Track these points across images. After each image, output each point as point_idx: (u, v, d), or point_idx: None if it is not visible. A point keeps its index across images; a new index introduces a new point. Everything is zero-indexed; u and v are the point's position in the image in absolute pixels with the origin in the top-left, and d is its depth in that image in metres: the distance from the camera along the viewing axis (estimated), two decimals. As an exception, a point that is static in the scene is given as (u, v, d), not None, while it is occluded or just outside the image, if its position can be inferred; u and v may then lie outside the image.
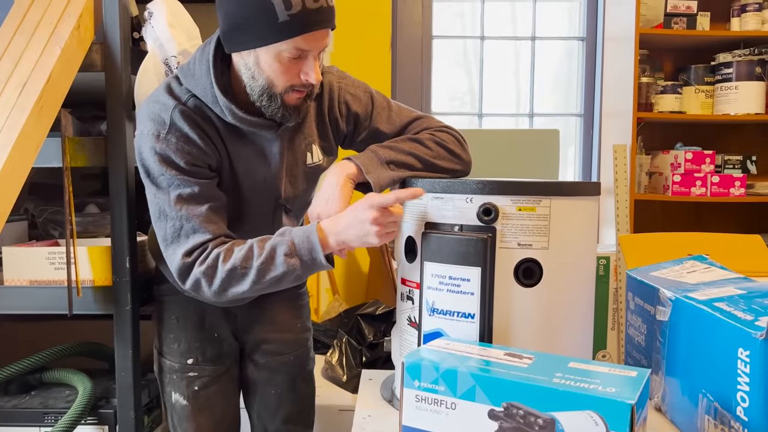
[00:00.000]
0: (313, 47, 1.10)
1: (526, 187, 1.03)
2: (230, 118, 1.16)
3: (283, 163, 1.25)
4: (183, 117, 1.15)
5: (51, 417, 1.51)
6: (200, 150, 1.16)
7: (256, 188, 1.25)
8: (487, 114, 3.03)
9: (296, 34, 1.07)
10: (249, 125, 1.18)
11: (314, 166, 1.30)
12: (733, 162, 2.71)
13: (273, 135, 1.22)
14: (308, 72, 1.11)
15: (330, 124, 1.31)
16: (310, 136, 1.28)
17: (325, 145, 1.31)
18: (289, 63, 1.10)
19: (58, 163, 1.34)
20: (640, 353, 1.19)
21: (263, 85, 1.13)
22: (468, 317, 1.04)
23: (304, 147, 1.28)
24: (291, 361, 1.47)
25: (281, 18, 1.05)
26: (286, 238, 1.12)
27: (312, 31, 1.08)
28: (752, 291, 1.00)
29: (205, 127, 1.17)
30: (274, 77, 1.12)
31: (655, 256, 1.37)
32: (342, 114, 1.30)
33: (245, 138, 1.21)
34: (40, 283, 1.40)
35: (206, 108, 1.18)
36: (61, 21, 1.31)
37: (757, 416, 0.81)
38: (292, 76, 1.12)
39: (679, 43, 2.75)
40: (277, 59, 1.10)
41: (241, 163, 1.22)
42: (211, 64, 1.14)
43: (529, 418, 0.79)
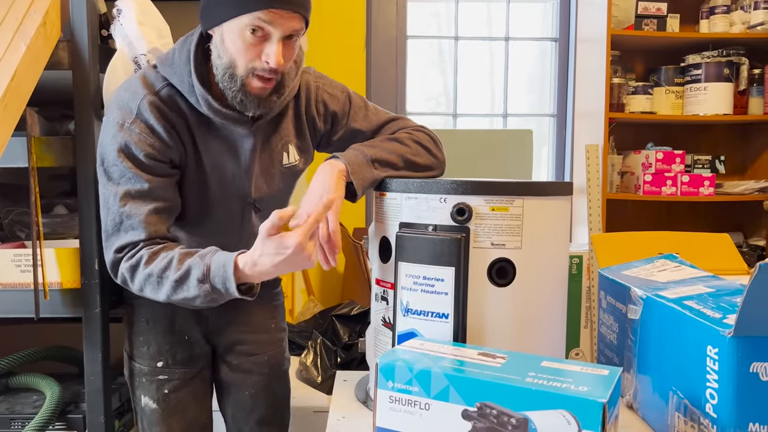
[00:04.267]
0: (277, 26, 1.09)
1: (499, 187, 1.03)
2: (204, 108, 1.15)
3: (254, 161, 1.24)
4: (151, 107, 1.14)
5: (18, 423, 1.48)
6: (163, 143, 1.15)
7: (225, 184, 1.24)
8: (461, 114, 3.04)
9: (258, 8, 1.06)
10: (222, 117, 1.16)
11: (290, 166, 1.30)
12: (703, 162, 2.76)
13: (246, 131, 1.20)
14: (269, 54, 1.09)
15: (307, 122, 1.30)
16: (286, 136, 1.28)
17: (301, 144, 1.30)
18: (252, 42, 1.09)
19: (23, 164, 1.31)
20: (612, 351, 1.20)
21: (226, 63, 1.12)
22: (442, 317, 1.04)
23: (281, 147, 1.27)
24: (265, 362, 1.45)
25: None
26: (205, 261, 1.10)
27: (275, 8, 1.07)
28: (721, 289, 1.01)
29: (173, 118, 1.16)
30: (236, 56, 1.10)
31: (626, 254, 1.38)
32: (319, 113, 1.30)
33: (217, 131, 1.20)
34: (5, 286, 1.37)
35: (179, 98, 1.16)
36: (27, 17, 1.28)
37: (726, 413, 0.82)
38: (253, 57, 1.10)
39: (650, 44, 2.79)
40: (240, 36, 1.09)
41: (210, 156, 1.21)
42: (192, 53, 1.15)
43: (503, 418, 0.79)
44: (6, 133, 1.19)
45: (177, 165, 1.19)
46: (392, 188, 1.12)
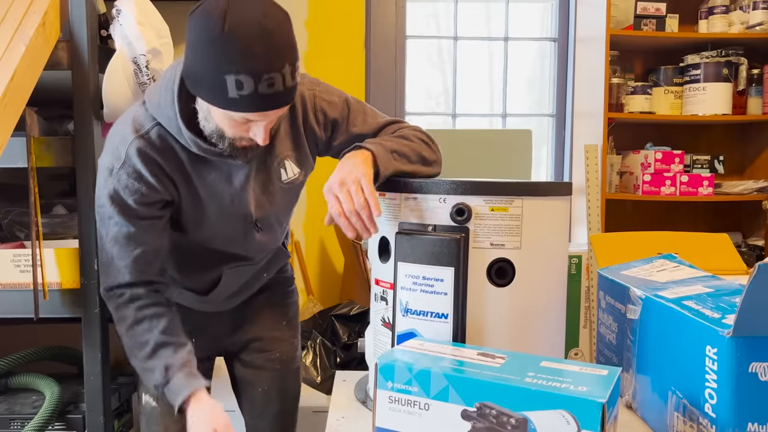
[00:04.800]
0: (264, 120, 1.10)
1: (498, 187, 1.03)
2: (195, 149, 1.16)
3: (249, 184, 1.24)
4: (138, 153, 1.15)
5: (17, 423, 1.47)
6: (151, 188, 1.17)
7: (224, 210, 1.24)
8: (460, 114, 3.04)
9: (243, 111, 1.06)
10: (214, 155, 1.17)
11: (290, 181, 1.30)
12: (702, 162, 2.76)
13: (240, 162, 1.21)
14: (257, 134, 1.11)
15: (306, 133, 1.29)
16: (282, 152, 1.27)
17: (299, 156, 1.30)
18: (239, 124, 1.10)
19: (23, 164, 1.31)
20: (612, 351, 1.20)
21: (213, 128, 1.12)
22: (441, 317, 1.04)
23: (277, 164, 1.27)
24: (276, 358, 1.46)
25: (231, 94, 1.03)
26: (167, 378, 1.17)
27: (260, 111, 1.07)
28: (720, 289, 1.01)
29: (163, 160, 1.17)
30: (224, 128, 1.11)
31: (625, 254, 1.38)
32: (319, 122, 1.29)
33: (211, 164, 1.20)
34: (5, 286, 1.37)
35: (170, 137, 1.17)
36: (26, 18, 1.28)
37: (725, 413, 0.83)
38: (240, 132, 1.11)
39: (649, 44, 2.79)
40: (227, 120, 1.09)
41: (206, 187, 1.22)
42: (175, 95, 1.12)
43: (502, 418, 0.79)
44: (5, 133, 1.19)
45: (169, 202, 1.22)
46: (392, 188, 1.12)
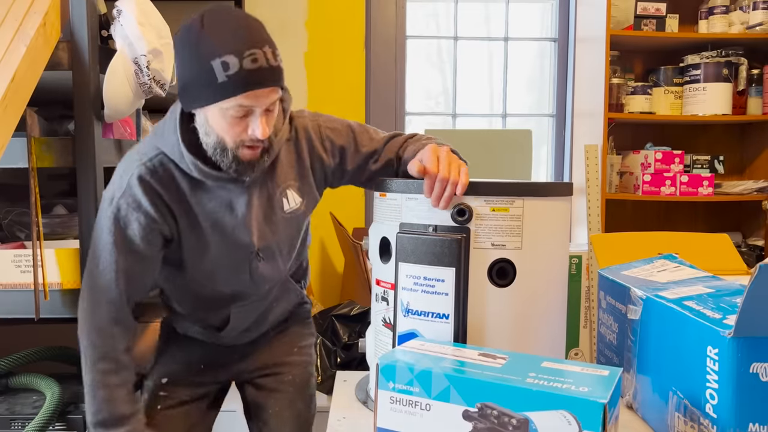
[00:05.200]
0: (257, 104, 1.12)
1: (499, 187, 1.04)
2: (196, 173, 1.18)
3: (251, 214, 1.25)
4: (140, 180, 1.18)
5: (18, 423, 1.47)
6: (148, 218, 1.19)
7: (226, 239, 1.26)
8: (460, 114, 3.04)
9: (235, 93, 1.09)
10: (214, 180, 1.19)
11: (292, 212, 1.30)
12: (702, 162, 2.76)
13: (240, 188, 1.23)
14: (254, 128, 1.13)
15: (313, 163, 1.31)
16: (284, 182, 1.28)
17: (302, 186, 1.31)
18: (235, 120, 1.12)
19: (23, 164, 1.31)
20: (612, 351, 1.20)
21: (215, 140, 1.15)
22: (442, 318, 1.04)
23: (279, 194, 1.28)
24: (289, 381, 1.44)
25: (220, 79, 1.07)
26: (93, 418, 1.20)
27: (250, 91, 1.10)
28: (720, 289, 1.01)
29: (164, 189, 1.20)
30: (223, 134, 1.14)
31: (626, 255, 1.39)
32: (327, 149, 1.31)
33: (212, 192, 1.22)
34: (5, 286, 1.37)
35: (172, 165, 1.20)
36: (27, 18, 1.28)
37: (726, 413, 0.83)
38: (239, 132, 1.13)
39: (649, 44, 2.79)
40: (223, 117, 1.12)
41: (207, 216, 1.23)
42: (177, 121, 1.17)
43: (503, 419, 0.79)
44: (6, 134, 1.19)
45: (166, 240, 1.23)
46: (392, 189, 1.12)
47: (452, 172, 1.04)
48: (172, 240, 1.24)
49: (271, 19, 2.77)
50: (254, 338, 1.44)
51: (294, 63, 2.79)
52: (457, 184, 1.03)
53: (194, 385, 1.41)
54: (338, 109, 2.81)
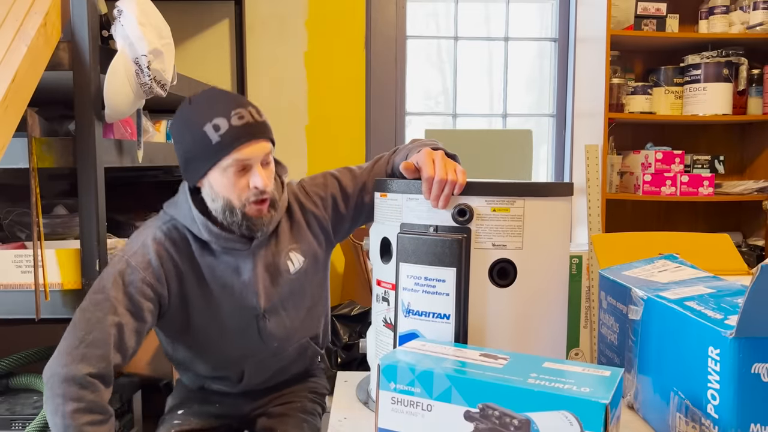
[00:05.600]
0: (252, 157, 1.22)
1: (500, 188, 1.04)
2: (205, 233, 1.27)
3: (257, 277, 1.32)
4: (155, 241, 1.28)
5: (18, 423, 1.47)
6: (154, 275, 1.26)
7: (234, 302, 1.33)
8: (461, 114, 3.04)
9: (230, 149, 1.20)
10: (223, 241, 1.28)
11: (297, 272, 1.38)
12: (702, 162, 2.76)
13: (245, 251, 1.31)
14: (255, 180, 1.23)
15: (308, 222, 1.40)
16: (286, 246, 1.36)
17: (303, 247, 1.39)
18: (236, 177, 1.23)
19: (24, 164, 1.31)
20: (613, 352, 1.20)
21: (222, 203, 1.24)
22: (443, 318, 1.04)
23: (284, 258, 1.36)
24: (298, 407, 1.48)
25: (214, 140, 1.20)
26: None
27: (242, 145, 1.21)
28: (721, 290, 1.01)
29: (175, 252, 1.29)
30: (228, 194, 1.23)
31: (626, 255, 1.38)
32: (317, 204, 1.41)
33: (219, 258, 1.31)
34: (6, 286, 1.37)
35: (186, 231, 1.30)
36: (27, 18, 1.28)
37: (728, 413, 0.83)
38: (242, 188, 1.23)
39: (649, 44, 2.79)
40: (224, 176, 1.22)
41: (216, 279, 1.31)
42: (188, 192, 1.30)
43: (505, 419, 0.79)
44: (7, 134, 1.19)
45: (162, 302, 1.29)
46: (393, 189, 1.12)
47: (449, 173, 1.06)
48: (168, 305, 1.29)
49: (271, 18, 2.77)
50: (271, 385, 1.49)
51: (294, 63, 2.79)
52: (455, 184, 1.04)
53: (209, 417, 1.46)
54: (338, 110, 2.82)
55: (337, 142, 2.81)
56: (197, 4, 2.73)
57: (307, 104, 2.81)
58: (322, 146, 2.82)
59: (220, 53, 2.75)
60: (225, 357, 1.40)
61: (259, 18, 2.76)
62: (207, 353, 1.39)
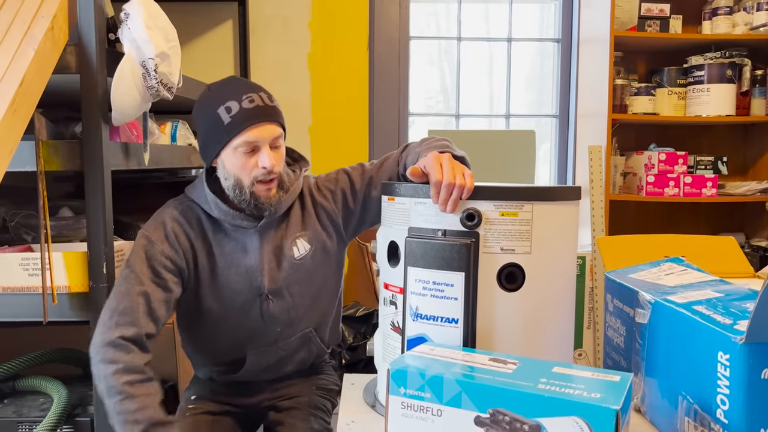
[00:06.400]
0: (260, 139, 1.30)
1: (508, 192, 1.04)
2: (215, 210, 1.36)
3: (262, 257, 1.39)
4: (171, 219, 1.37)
5: (25, 426, 1.48)
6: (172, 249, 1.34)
7: (240, 279, 1.39)
8: (464, 115, 3.04)
9: (240, 130, 1.28)
10: (231, 218, 1.36)
11: (302, 258, 1.43)
12: (705, 163, 2.76)
13: (252, 230, 1.38)
14: (263, 159, 1.30)
15: (318, 214, 1.46)
16: (294, 232, 1.42)
17: (310, 234, 1.44)
18: (246, 157, 1.30)
19: (32, 168, 1.31)
20: (619, 354, 1.20)
21: (233, 182, 1.32)
22: (452, 322, 1.04)
23: (290, 243, 1.42)
24: (305, 402, 1.50)
25: (225, 122, 1.29)
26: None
27: (252, 126, 1.28)
28: (729, 294, 1.02)
29: (189, 227, 1.37)
30: (238, 172, 1.31)
31: (632, 257, 1.39)
32: (327, 198, 1.46)
33: (230, 236, 1.39)
34: (13, 289, 1.37)
35: (199, 209, 1.39)
36: (35, 22, 1.28)
37: (737, 419, 0.83)
38: (251, 168, 1.31)
39: (653, 45, 2.79)
40: (234, 155, 1.30)
41: (224, 256, 1.38)
42: (203, 175, 1.39)
43: (515, 424, 0.80)
44: (16, 137, 1.19)
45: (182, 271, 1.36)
46: (401, 193, 1.12)
47: (457, 177, 1.06)
48: (188, 277, 1.37)
49: (275, 19, 2.77)
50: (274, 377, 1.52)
51: (297, 64, 2.79)
52: (464, 188, 1.04)
53: (220, 403, 1.50)
54: (341, 110, 2.82)
55: (341, 143, 2.82)
56: (200, 5, 2.73)
57: (310, 105, 2.81)
58: (325, 147, 2.82)
59: (223, 54, 2.76)
60: (229, 340, 1.44)
61: (263, 19, 2.77)
62: (214, 336, 1.43)
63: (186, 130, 1.98)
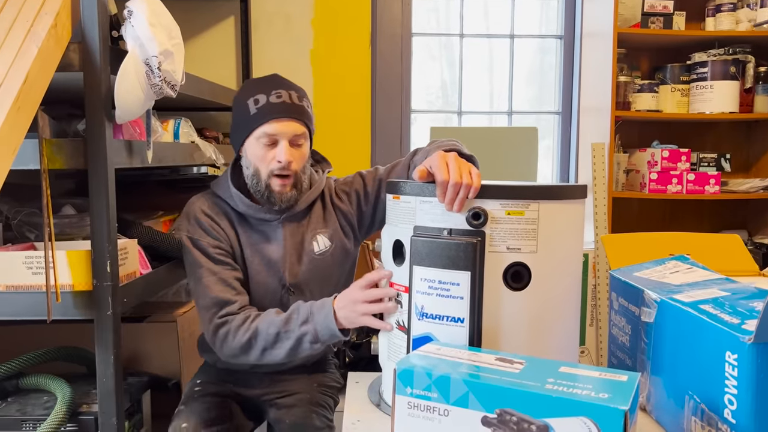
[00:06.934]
0: (280, 133, 1.37)
1: (514, 191, 1.03)
2: (239, 204, 1.44)
3: (286, 250, 1.46)
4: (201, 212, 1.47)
5: (29, 424, 1.48)
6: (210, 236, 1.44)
7: (264, 269, 1.46)
8: (466, 112, 3.03)
9: (262, 121, 1.37)
10: (255, 211, 1.44)
11: (322, 253, 1.49)
12: (708, 160, 2.75)
13: (275, 223, 1.45)
14: (279, 153, 1.37)
15: (336, 214, 1.52)
16: (314, 229, 1.49)
17: (330, 232, 1.51)
18: (265, 149, 1.38)
19: (35, 166, 1.30)
20: (624, 353, 1.20)
21: (252, 171, 1.40)
22: (457, 321, 1.04)
23: (311, 237, 1.48)
24: (306, 399, 1.51)
25: (252, 112, 1.38)
26: (311, 326, 1.30)
27: (274, 120, 1.37)
28: (736, 292, 1.01)
29: (218, 218, 1.46)
30: (257, 162, 1.39)
31: (637, 255, 1.38)
32: (343, 199, 1.53)
33: (254, 226, 1.47)
34: (17, 288, 1.37)
35: (224, 203, 1.47)
36: (38, 19, 1.27)
37: (745, 419, 0.83)
38: (269, 160, 1.38)
39: (656, 42, 2.78)
40: (256, 146, 1.39)
41: (250, 247, 1.46)
42: (229, 170, 1.49)
43: (523, 425, 0.79)
44: (20, 135, 1.18)
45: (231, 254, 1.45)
46: (406, 191, 1.12)
47: (464, 176, 1.06)
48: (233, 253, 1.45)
49: (277, 16, 2.77)
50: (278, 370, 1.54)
51: (300, 61, 2.78)
52: (470, 188, 1.04)
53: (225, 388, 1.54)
54: (343, 107, 2.81)
55: (343, 140, 2.81)
56: (203, 2, 2.72)
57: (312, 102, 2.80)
58: (327, 143, 2.81)
59: (225, 51, 2.75)
60: None
61: (265, 16, 2.76)
62: None
63: (189, 127, 1.97)
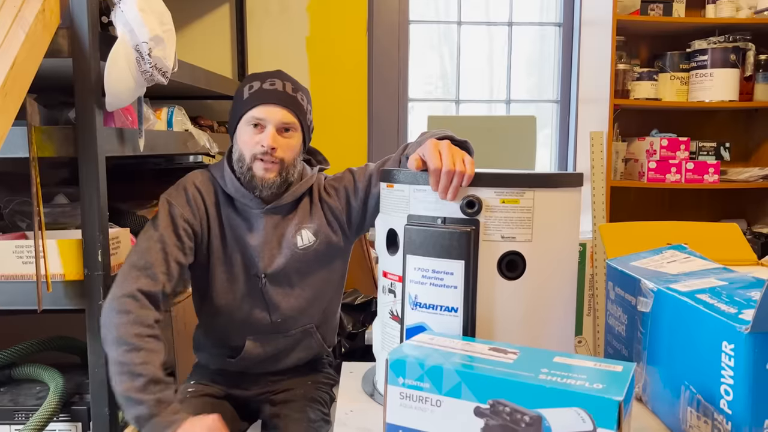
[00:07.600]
0: (267, 118, 1.38)
1: (509, 179, 1.02)
2: (229, 185, 1.43)
3: (265, 239, 1.43)
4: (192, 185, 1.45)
5: (21, 414, 1.47)
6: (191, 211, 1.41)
7: (244, 257, 1.44)
8: (464, 100, 3.01)
9: (252, 105, 1.39)
10: (241, 196, 1.42)
11: (305, 248, 1.46)
12: (707, 149, 2.74)
13: (259, 212, 1.43)
14: (263, 137, 1.37)
15: (324, 209, 1.50)
16: (300, 222, 1.47)
17: (315, 227, 1.48)
18: (252, 132, 1.39)
19: (24, 154, 1.29)
20: (621, 343, 1.19)
21: (239, 154, 1.41)
22: (451, 311, 1.03)
23: (295, 231, 1.46)
24: (301, 395, 1.51)
25: (245, 96, 1.41)
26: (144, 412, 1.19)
27: (262, 104, 1.38)
28: (733, 282, 1.00)
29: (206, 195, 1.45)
30: (243, 146, 1.40)
31: (634, 244, 1.37)
32: (331, 195, 1.51)
33: (239, 211, 1.45)
34: (7, 277, 1.35)
35: (217, 183, 1.46)
36: (25, 4, 1.25)
37: (742, 409, 0.82)
38: (254, 144, 1.38)
39: (655, 29, 2.75)
40: (245, 129, 1.40)
41: (233, 231, 1.45)
42: (226, 153, 1.49)
43: (516, 415, 0.78)
44: (7, 122, 1.16)
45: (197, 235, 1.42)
46: (400, 179, 1.10)
47: (457, 164, 1.03)
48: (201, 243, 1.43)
49: (273, 2, 2.74)
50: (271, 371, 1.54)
51: (295, 48, 2.76)
52: (464, 175, 1.02)
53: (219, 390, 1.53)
54: (340, 95, 2.79)
55: (339, 128, 2.79)
56: (197, -11, 2.69)
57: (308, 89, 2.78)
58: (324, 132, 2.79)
59: (220, 38, 2.72)
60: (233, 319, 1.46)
61: (261, 2, 2.73)
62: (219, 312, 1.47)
63: (182, 115, 1.95)
